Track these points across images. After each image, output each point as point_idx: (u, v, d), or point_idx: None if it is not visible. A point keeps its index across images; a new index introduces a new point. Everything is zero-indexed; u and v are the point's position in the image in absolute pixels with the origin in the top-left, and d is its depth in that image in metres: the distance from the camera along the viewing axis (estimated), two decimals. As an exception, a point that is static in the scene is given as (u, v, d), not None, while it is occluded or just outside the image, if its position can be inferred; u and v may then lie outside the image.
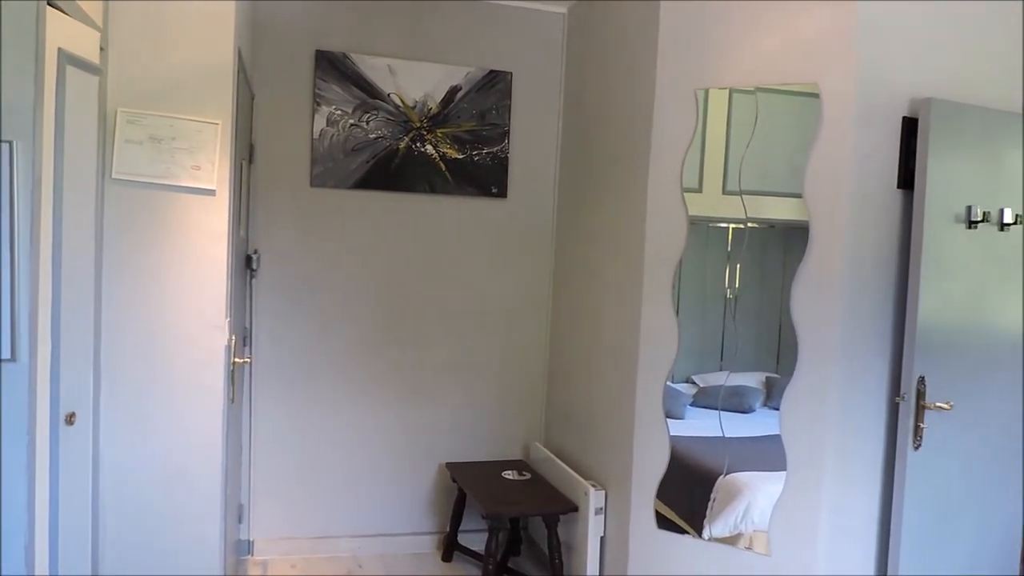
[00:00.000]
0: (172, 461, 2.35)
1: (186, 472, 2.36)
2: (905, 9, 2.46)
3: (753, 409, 2.65)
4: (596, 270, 3.22)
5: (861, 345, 2.48)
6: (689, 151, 2.66)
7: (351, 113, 3.37)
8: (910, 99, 2.48)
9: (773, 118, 2.55)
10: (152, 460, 2.33)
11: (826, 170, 2.45)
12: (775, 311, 2.57)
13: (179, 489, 2.36)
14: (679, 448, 2.72)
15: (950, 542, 2.57)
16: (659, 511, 2.75)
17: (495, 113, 3.55)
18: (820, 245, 2.46)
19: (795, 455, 2.52)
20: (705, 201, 2.67)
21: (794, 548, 2.52)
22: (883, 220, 2.48)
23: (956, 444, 2.53)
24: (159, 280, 2.31)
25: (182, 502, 2.36)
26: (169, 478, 2.35)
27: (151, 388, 2.31)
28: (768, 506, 2.56)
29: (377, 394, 3.54)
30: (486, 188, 3.57)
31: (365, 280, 3.49)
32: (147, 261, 2.29)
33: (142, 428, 2.31)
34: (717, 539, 2.64)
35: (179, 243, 2.31)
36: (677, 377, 2.76)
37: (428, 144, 3.47)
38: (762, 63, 2.55)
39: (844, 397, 2.48)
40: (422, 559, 3.55)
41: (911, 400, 2.42)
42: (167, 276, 2.31)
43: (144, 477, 2.33)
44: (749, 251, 2.63)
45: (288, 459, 3.45)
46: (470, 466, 3.53)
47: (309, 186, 3.38)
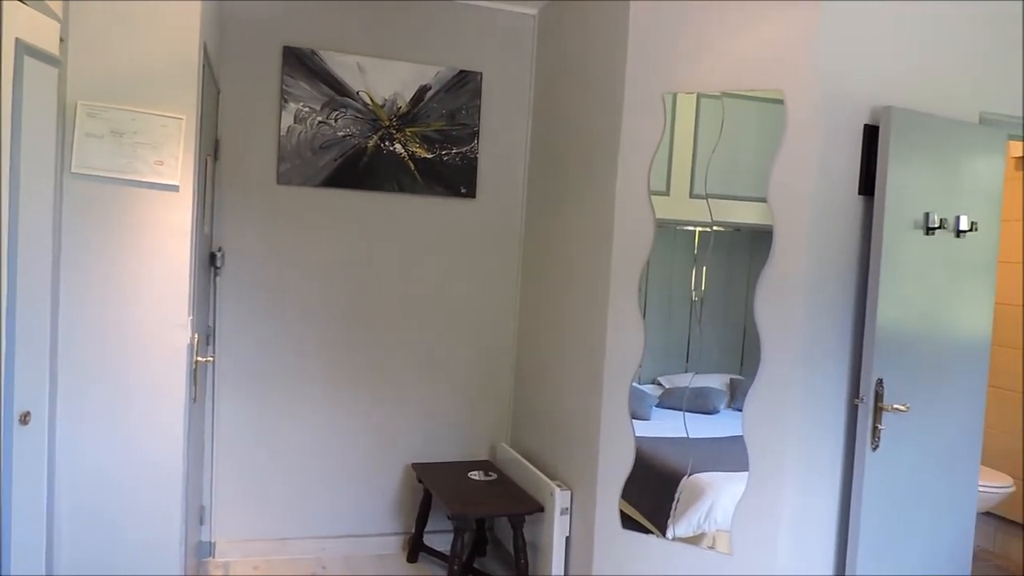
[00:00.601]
0: (131, 461, 2.30)
1: (145, 472, 2.31)
2: (867, 19, 2.51)
3: (717, 410, 2.68)
4: (564, 271, 3.23)
5: (822, 347, 2.53)
6: (657, 154, 2.69)
7: (319, 110, 3.34)
8: (871, 107, 2.53)
9: (739, 123, 2.58)
10: (110, 460, 2.28)
11: (790, 175, 2.49)
12: (740, 314, 2.60)
13: (138, 490, 2.31)
14: (644, 448, 2.74)
15: (906, 540, 2.63)
16: (624, 511, 2.77)
17: (465, 113, 3.55)
18: (783, 249, 2.50)
19: (757, 455, 2.56)
20: (672, 204, 2.70)
21: (755, 547, 2.56)
22: (844, 225, 2.53)
23: (912, 445, 2.59)
24: (119, 277, 2.26)
25: (141, 503, 2.32)
26: (128, 479, 2.30)
27: (110, 387, 2.27)
28: (731, 506, 2.60)
29: (343, 394, 3.51)
30: (455, 188, 3.57)
31: (331, 279, 3.46)
32: (107, 258, 2.25)
33: (100, 428, 2.27)
34: (681, 539, 2.67)
35: (141, 240, 2.27)
36: (643, 378, 2.78)
37: (397, 143, 3.45)
38: (729, 69, 2.58)
39: (805, 398, 2.52)
40: (387, 560, 3.53)
41: (869, 402, 2.47)
42: (128, 273, 2.27)
43: (101, 478, 2.28)
44: (715, 254, 2.66)
45: (251, 459, 3.40)
46: (436, 467, 3.52)
47: (276, 183, 3.34)
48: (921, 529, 2.67)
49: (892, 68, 2.56)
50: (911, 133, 2.49)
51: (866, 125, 2.52)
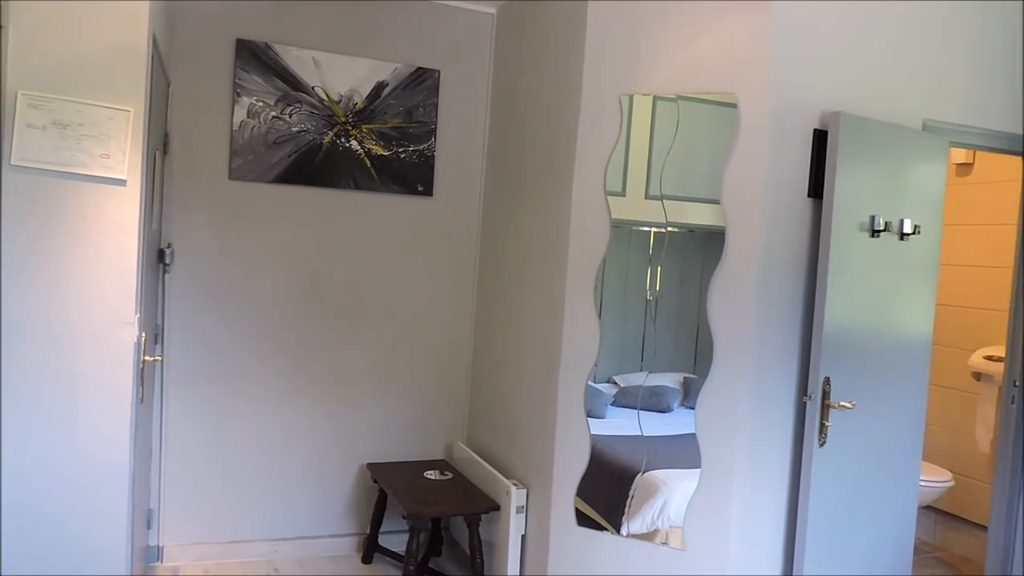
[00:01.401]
0: (75, 463, 2.23)
1: (90, 475, 2.24)
2: (818, 27, 2.57)
3: (671, 408, 2.72)
4: (520, 270, 3.24)
5: (772, 346, 2.58)
6: (613, 156, 2.71)
7: (273, 105, 3.28)
8: (821, 112, 2.59)
9: (694, 126, 2.62)
10: (54, 461, 2.21)
11: (742, 178, 2.54)
12: (694, 313, 2.64)
13: (83, 492, 2.24)
14: (600, 447, 2.77)
15: (851, 533, 2.71)
16: (580, 509, 2.79)
17: (422, 111, 3.53)
18: (735, 250, 2.55)
19: (709, 452, 2.60)
20: (628, 205, 2.73)
21: (707, 542, 2.60)
22: (794, 227, 2.59)
23: (858, 441, 2.67)
24: (63, 273, 2.18)
25: (86, 505, 2.25)
26: (72, 480, 2.23)
27: (53, 386, 2.19)
28: (684, 502, 2.64)
29: (296, 394, 3.46)
30: (412, 186, 3.54)
31: (285, 277, 3.41)
32: (50, 253, 2.17)
33: (43, 428, 2.19)
34: (635, 535, 2.70)
35: (85, 235, 2.20)
36: (599, 377, 2.80)
37: (353, 140, 3.42)
38: (683, 71, 2.62)
39: (755, 396, 2.57)
40: (341, 561, 3.49)
41: (817, 399, 2.54)
42: (71, 269, 2.19)
43: (45, 479, 2.20)
44: (670, 255, 2.70)
45: (201, 461, 3.33)
46: (392, 466, 3.49)
47: (228, 179, 3.27)
48: (865, 522, 2.75)
49: (841, 75, 2.63)
50: (858, 138, 2.56)
51: (816, 130, 2.59)
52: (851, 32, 2.64)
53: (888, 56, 2.72)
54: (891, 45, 2.72)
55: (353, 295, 3.53)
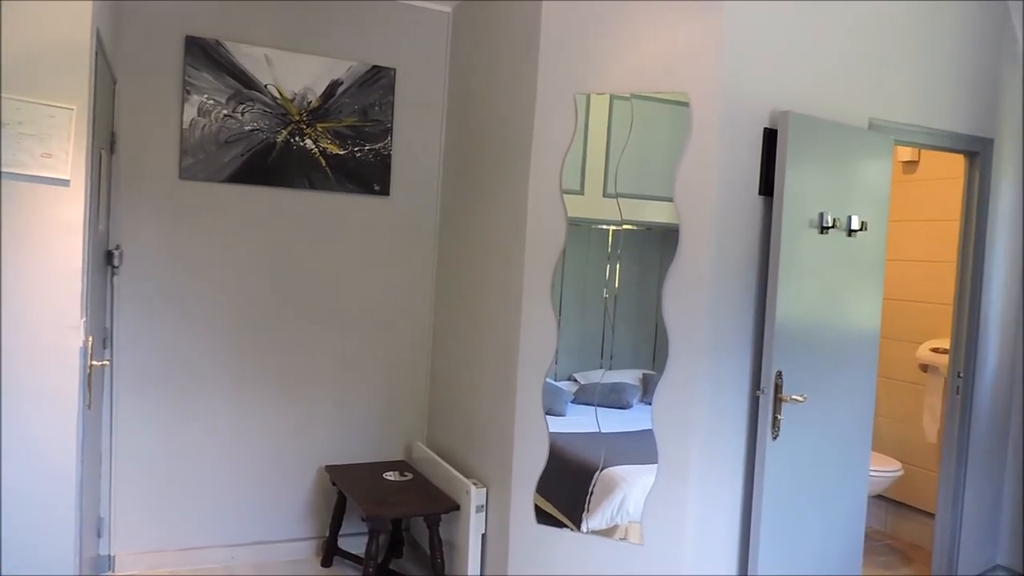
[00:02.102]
0: (19, 471, 2.16)
1: (35, 483, 2.17)
2: (768, 27, 2.62)
3: (631, 405, 2.74)
4: (478, 269, 3.24)
5: (726, 342, 2.63)
6: (570, 154, 2.72)
7: (225, 103, 3.22)
8: (771, 112, 2.64)
9: (648, 125, 2.65)
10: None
11: (694, 176, 2.57)
12: (652, 310, 2.67)
13: (27, 502, 2.17)
14: (559, 444, 2.78)
15: (804, 523, 2.77)
16: (540, 507, 2.80)
17: (378, 109, 3.50)
18: (688, 247, 2.59)
19: (665, 447, 2.63)
20: (587, 203, 2.74)
21: (664, 536, 2.63)
22: (745, 225, 2.64)
23: (809, 433, 2.73)
24: (4, 276, 2.11)
25: (31, 516, 2.18)
26: (15, 490, 2.15)
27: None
28: (642, 498, 2.66)
29: (252, 397, 3.41)
30: (368, 185, 3.51)
31: (239, 278, 3.35)
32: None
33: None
34: (595, 532, 2.72)
35: (28, 237, 2.13)
36: (559, 375, 2.81)
37: (308, 138, 3.37)
38: (637, 71, 2.64)
39: (710, 391, 2.61)
40: (300, 565, 3.45)
41: (770, 393, 2.59)
42: (13, 272, 2.12)
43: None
44: (628, 252, 2.72)
45: (154, 467, 3.26)
46: (350, 468, 3.46)
47: (178, 178, 3.20)
48: (818, 512, 2.81)
49: (791, 75, 2.68)
50: (807, 137, 2.62)
51: (766, 128, 2.63)
52: (800, 33, 2.69)
53: (835, 56, 2.79)
54: (838, 46, 2.79)
55: (309, 296, 3.48)
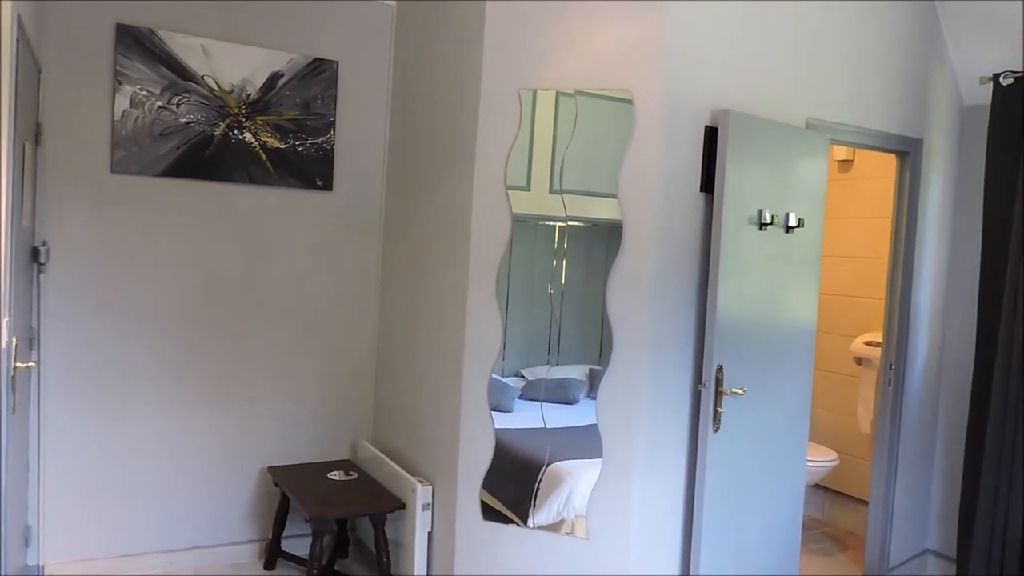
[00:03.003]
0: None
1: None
2: (709, 26, 2.66)
3: (577, 400, 2.76)
4: (423, 265, 3.21)
5: (668, 337, 2.66)
6: (516, 150, 2.71)
7: (159, 94, 3.12)
8: (712, 110, 2.69)
9: (593, 121, 2.66)
10: (-91, 482, 2.03)
11: (638, 173, 2.59)
12: (598, 306, 2.68)
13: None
14: (506, 440, 2.78)
15: (744, 513, 2.83)
16: (488, 503, 2.79)
17: (320, 103, 3.43)
18: (631, 244, 2.61)
19: (610, 442, 2.65)
20: (533, 199, 2.74)
21: (609, 529, 2.66)
22: (687, 221, 2.68)
23: (749, 425, 2.79)
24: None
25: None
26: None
27: (-93, 399, 2.01)
28: (588, 492, 2.68)
29: (191, 397, 3.31)
30: (310, 180, 3.45)
31: (176, 275, 3.25)
32: (-99, 253, 1.99)
33: None
34: (542, 527, 2.73)
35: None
36: (507, 371, 2.81)
37: (247, 132, 3.29)
38: (581, 67, 2.65)
39: (653, 386, 2.64)
40: (242, 569, 3.37)
41: (711, 387, 2.63)
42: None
43: (-101, 502, 2.02)
44: (575, 249, 2.73)
45: (87, 472, 3.14)
46: (293, 468, 3.40)
47: (110, 172, 3.08)
48: (758, 502, 2.88)
49: (731, 73, 2.73)
50: (746, 135, 2.67)
51: (707, 127, 2.67)
52: (740, 34, 2.74)
53: (774, 57, 2.85)
54: (777, 46, 2.85)
55: (250, 293, 3.40)
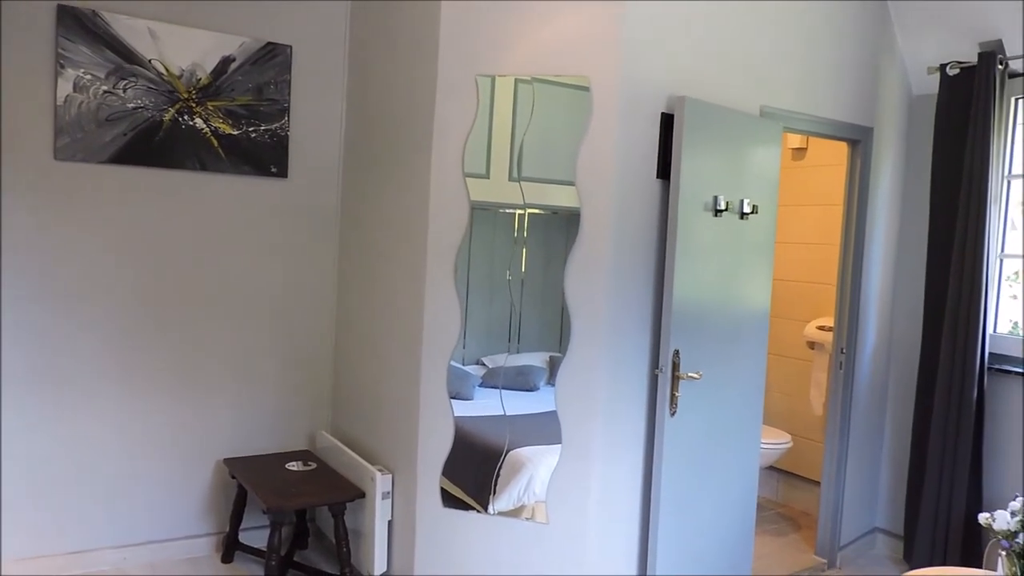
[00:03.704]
0: None
1: None
2: (666, 14, 2.67)
3: (538, 387, 2.77)
4: (382, 253, 3.18)
5: (626, 323, 2.68)
6: (475, 137, 2.70)
7: (104, 79, 3.02)
8: (668, 97, 2.70)
9: (551, 109, 2.65)
10: None
11: (595, 160, 2.60)
12: (559, 294, 2.69)
13: None
14: (466, 428, 2.78)
15: (701, 495, 2.87)
16: (448, 491, 2.79)
17: (274, 88, 3.37)
18: (589, 230, 2.62)
19: (569, 427, 2.67)
20: (492, 187, 2.73)
21: (568, 513, 2.68)
22: (644, 208, 2.70)
23: (705, 409, 2.83)
24: None
25: None
26: None
27: None
28: (548, 478, 2.70)
29: (145, 389, 3.24)
30: (264, 167, 3.38)
31: (126, 265, 3.17)
32: None
33: None
34: (503, 513, 2.74)
35: None
36: (467, 359, 2.80)
37: (198, 117, 3.21)
38: (539, 54, 2.64)
39: (611, 371, 2.67)
40: (199, 563, 3.32)
41: (667, 371, 2.66)
42: None
43: None
44: (535, 236, 2.73)
45: (35, 466, 3.05)
46: (251, 460, 3.35)
47: (53, 159, 2.98)
48: (713, 484, 2.93)
49: (688, 61, 2.75)
50: (702, 122, 2.69)
51: (663, 113, 2.69)
52: (696, 21, 2.76)
53: (729, 45, 2.88)
54: (732, 35, 2.88)
55: (205, 282, 3.33)
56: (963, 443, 3.23)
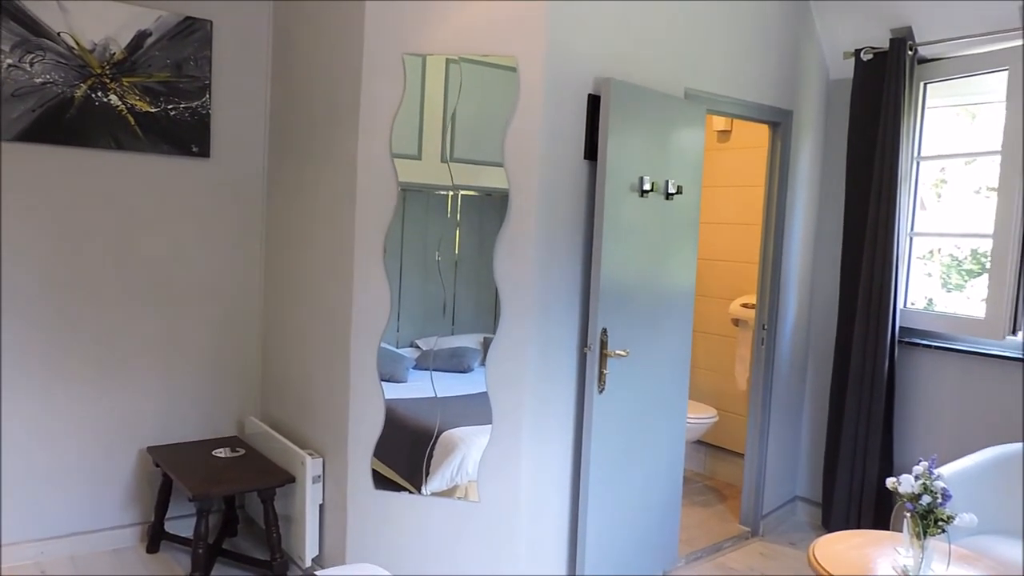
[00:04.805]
0: None
1: None
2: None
3: (472, 368, 2.78)
4: (309, 235, 3.13)
5: (555, 302, 2.72)
6: (405, 118, 2.66)
7: (9, 52, 2.86)
8: (595, 78, 2.73)
9: (481, 89, 2.65)
10: None
11: (523, 141, 2.61)
12: (492, 276, 2.70)
13: None
14: (400, 410, 2.77)
15: (629, 469, 2.95)
16: (381, 473, 2.79)
17: (194, 64, 3.25)
18: (517, 212, 2.63)
19: (499, 407, 2.70)
20: (425, 168, 2.71)
21: (500, 491, 2.71)
22: (572, 188, 2.73)
23: (633, 385, 2.90)
24: None
25: None
26: None
27: None
28: (480, 457, 2.72)
29: (62, 377, 3.11)
30: (185, 146, 3.27)
31: (38, 248, 3.03)
32: None
33: None
34: (437, 493, 2.75)
35: None
36: (401, 342, 2.79)
37: (112, 94, 3.08)
38: (466, 34, 2.63)
39: (541, 350, 2.70)
40: (123, 554, 3.23)
41: (596, 349, 2.71)
42: None
43: None
44: (468, 218, 2.72)
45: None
46: (176, 448, 3.27)
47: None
48: (641, 459, 3.00)
49: (614, 43, 2.78)
50: (628, 104, 2.73)
51: (590, 95, 2.72)
52: (623, 3, 2.78)
53: (655, 27, 2.92)
54: (658, 18, 2.92)
55: (124, 266, 3.21)
56: (876, 413, 3.40)
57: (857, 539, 2.53)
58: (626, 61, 2.82)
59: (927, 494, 2.20)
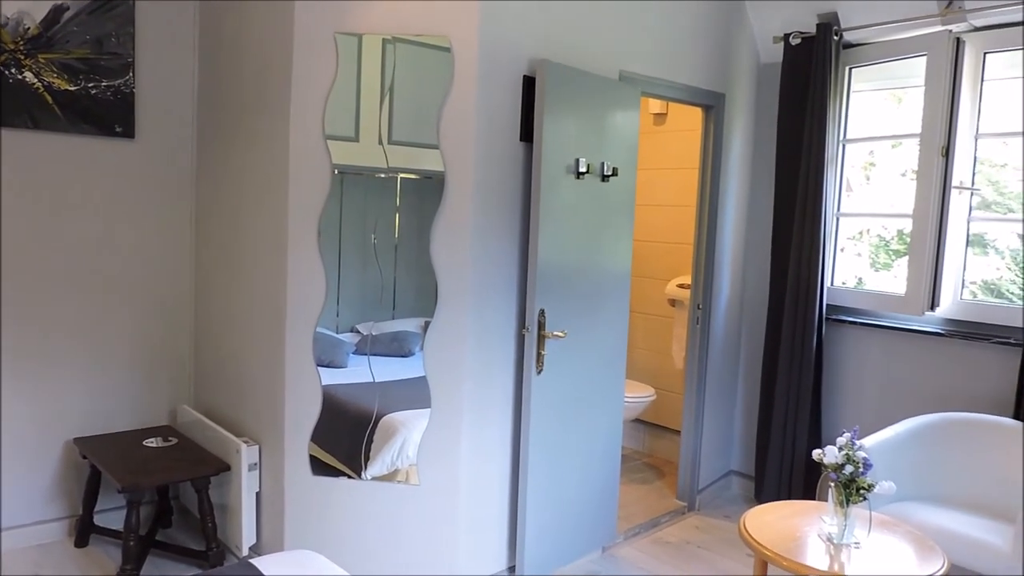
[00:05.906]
0: None
1: None
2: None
3: (413, 353, 2.76)
4: (241, 219, 3.05)
5: (492, 285, 2.72)
6: (340, 99, 2.61)
7: (-89, 24, 2.70)
8: (530, 60, 2.72)
9: (416, 70, 2.61)
10: None
11: (458, 122, 2.59)
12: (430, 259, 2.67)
13: None
14: (339, 395, 2.74)
15: (568, 448, 2.99)
16: (320, 459, 2.76)
17: (115, 41, 3.12)
18: (454, 194, 2.62)
19: (438, 390, 2.69)
20: (362, 151, 2.66)
21: (440, 473, 2.72)
22: (508, 170, 2.72)
23: (571, 366, 2.93)
24: None
25: None
26: None
27: None
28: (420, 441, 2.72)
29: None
30: (108, 126, 3.14)
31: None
32: None
33: None
34: (377, 478, 2.73)
35: None
36: (341, 327, 2.75)
37: (28, 71, 2.93)
38: (399, 13, 2.59)
39: (479, 333, 2.70)
40: (50, 549, 3.12)
41: (534, 331, 2.73)
42: None
43: None
44: (407, 201, 2.69)
45: None
46: (104, 438, 3.17)
47: None
48: (580, 437, 3.04)
49: (548, 24, 2.78)
50: (563, 86, 2.73)
51: (525, 76, 2.71)
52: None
53: (590, 10, 2.92)
54: None
55: (44, 251, 3.08)
56: (804, 388, 3.52)
57: (785, 509, 2.62)
58: (562, 43, 2.82)
59: (849, 464, 2.29)
